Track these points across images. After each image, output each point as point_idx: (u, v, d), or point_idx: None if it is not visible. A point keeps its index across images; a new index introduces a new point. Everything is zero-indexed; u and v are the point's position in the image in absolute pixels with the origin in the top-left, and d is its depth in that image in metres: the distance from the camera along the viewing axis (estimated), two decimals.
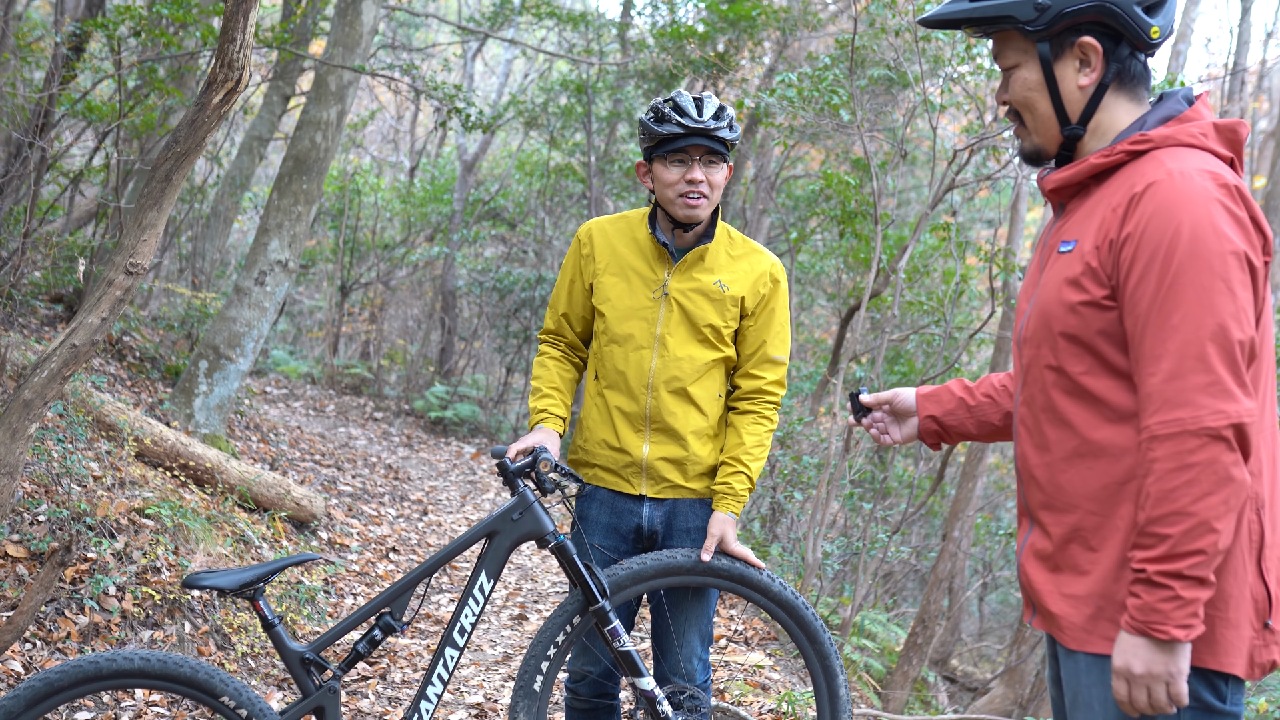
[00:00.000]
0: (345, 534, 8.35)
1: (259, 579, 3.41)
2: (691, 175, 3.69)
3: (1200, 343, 2.25)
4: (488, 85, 23.12)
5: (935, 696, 10.67)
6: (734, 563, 3.73)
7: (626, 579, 3.70)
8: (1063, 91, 2.53)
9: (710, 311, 3.80)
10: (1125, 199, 2.39)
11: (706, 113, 3.68)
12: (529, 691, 3.71)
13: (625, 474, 3.86)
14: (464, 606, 3.57)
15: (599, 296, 3.89)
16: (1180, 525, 2.23)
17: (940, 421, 3.01)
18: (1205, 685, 2.35)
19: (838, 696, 3.77)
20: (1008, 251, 10.19)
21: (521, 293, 16.72)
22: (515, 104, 15.91)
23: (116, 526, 5.74)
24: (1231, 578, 2.34)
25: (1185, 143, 2.43)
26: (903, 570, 12.54)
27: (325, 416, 14.25)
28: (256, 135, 13.03)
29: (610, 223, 3.97)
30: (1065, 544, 2.49)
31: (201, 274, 13.04)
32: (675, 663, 3.86)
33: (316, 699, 3.46)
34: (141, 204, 4.55)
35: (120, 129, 9.33)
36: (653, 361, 3.81)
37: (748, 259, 3.87)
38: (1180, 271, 2.27)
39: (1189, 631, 2.25)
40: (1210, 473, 2.22)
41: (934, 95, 8.40)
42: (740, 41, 12.88)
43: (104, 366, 8.62)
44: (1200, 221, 2.28)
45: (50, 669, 3.23)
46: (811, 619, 3.77)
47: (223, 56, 4.44)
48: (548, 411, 3.87)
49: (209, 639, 5.68)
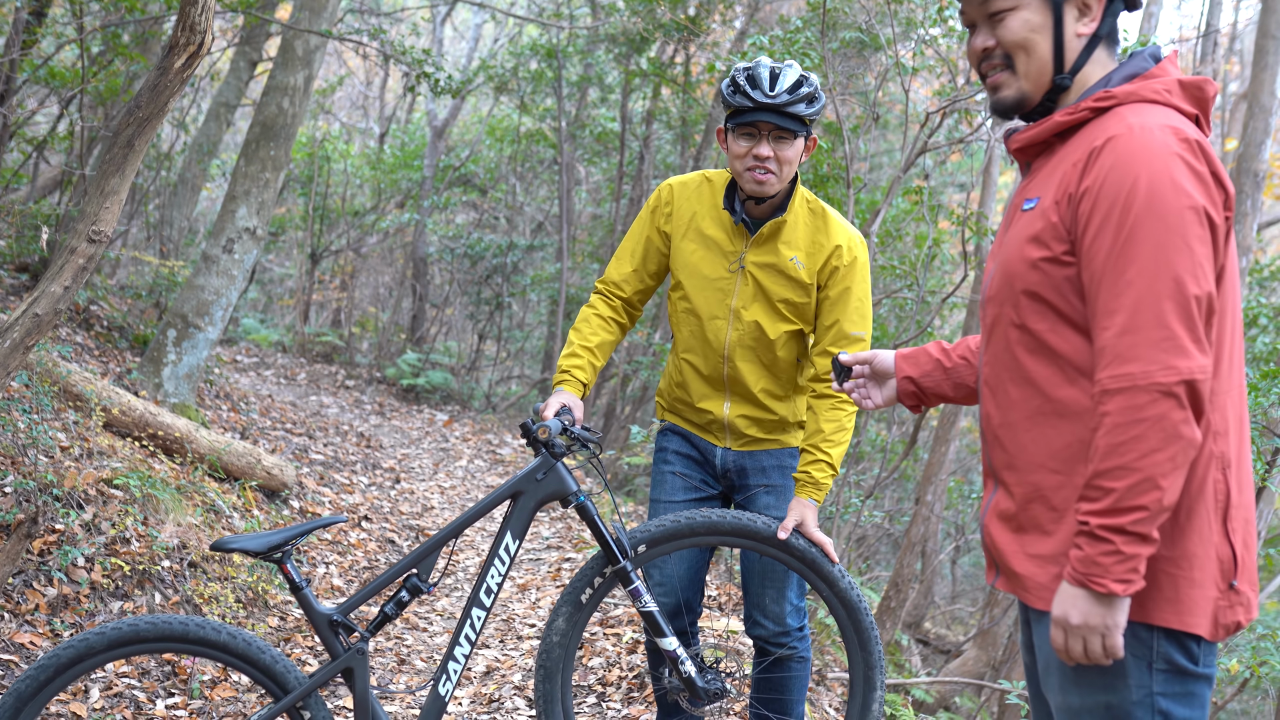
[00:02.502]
0: (317, 503, 8.31)
1: (286, 541, 3.44)
2: (758, 150, 3.66)
3: (1155, 298, 2.23)
4: (457, 50, 22.91)
5: (909, 660, 10.71)
6: (810, 546, 3.68)
7: (703, 528, 3.68)
8: (1065, 36, 2.50)
9: (785, 287, 3.79)
10: (1085, 154, 2.37)
11: (780, 86, 3.62)
12: (575, 601, 3.70)
13: (710, 429, 3.95)
14: (490, 567, 3.58)
15: (677, 263, 3.89)
16: (1125, 480, 2.22)
17: (918, 383, 2.99)
18: (1177, 647, 2.35)
19: (870, 710, 3.71)
20: (980, 215, 10.18)
21: (493, 259, 16.63)
22: (485, 69, 15.77)
23: (84, 497, 5.68)
24: (1196, 537, 2.34)
25: (1148, 99, 2.41)
26: (876, 534, 12.58)
27: (296, 385, 14.17)
28: (224, 101, 12.88)
29: (694, 184, 3.93)
30: (1028, 504, 2.48)
31: (169, 242, 12.91)
32: (760, 604, 3.91)
33: (345, 660, 3.48)
34: (104, 170, 4.48)
35: (84, 95, 9.21)
36: (728, 332, 3.82)
37: (825, 233, 3.81)
38: (1137, 225, 2.26)
39: (1127, 586, 2.24)
40: (1159, 429, 2.21)
41: (906, 58, 8.35)
42: (711, 4, 12.80)
43: (71, 336, 8.52)
44: (1159, 175, 2.26)
45: (140, 618, 3.31)
46: (869, 626, 3.70)
47: (184, 19, 4.37)
48: (570, 374, 3.86)
49: (180, 609, 5.63)
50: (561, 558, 8.17)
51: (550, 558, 8.24)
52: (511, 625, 6.63)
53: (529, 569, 7.94)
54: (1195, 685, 2.36)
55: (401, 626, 6.42)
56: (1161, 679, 2.35)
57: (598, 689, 5.46)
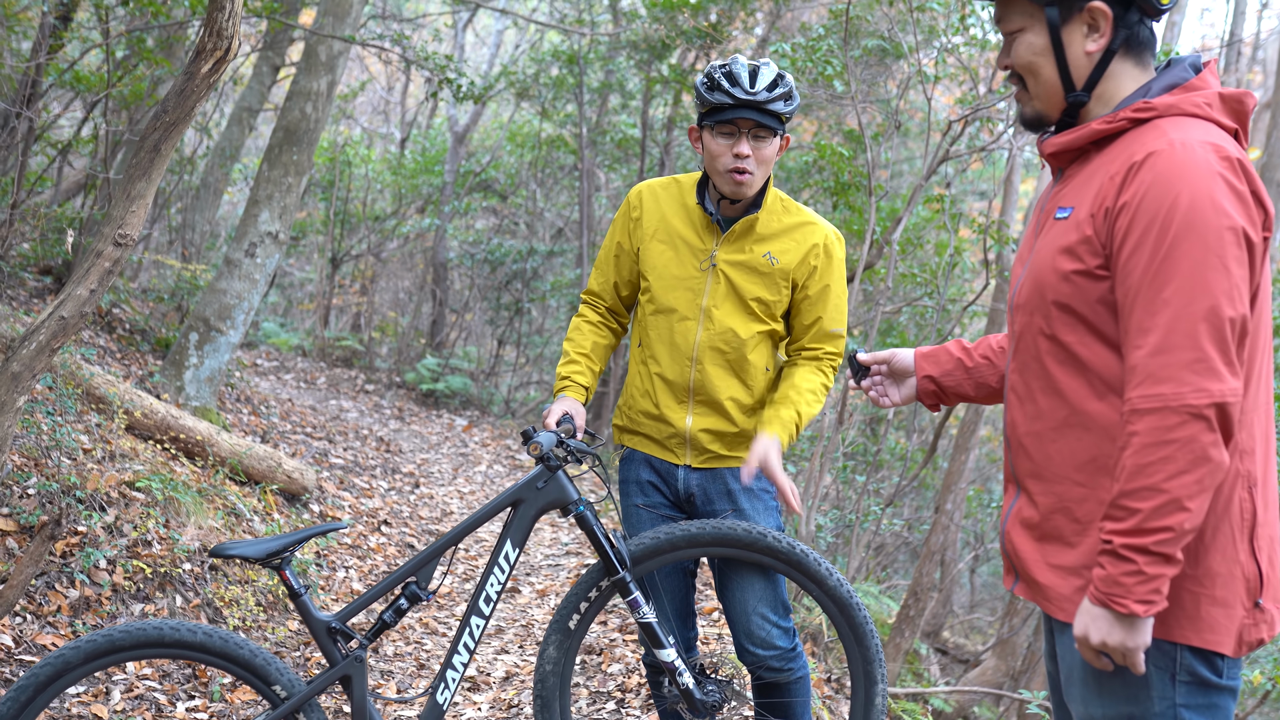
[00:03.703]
0: (337, 507, 8.32)
1: (285, 548, 3.43)
2: (738, 149, 3.61)
3: (1190, 319, 2.21)
4: (479, 56, 22.97)
5: (927, 669, 10.69)
6: (793, 547, 3.63)
7: (682, 540, 3.64)
8: (1069, 57, 2.49)
9: (758, 285, 3.73)
10: (1124, 167, 2.34)
11: (760, 84, 3.58)
12: (564, 628, 3.70)
13: (669, 444, 3.82)
14: (490, 575, 3.57)
15: (645, 264, 3.83)
16: (1151, 501, 2.21)
17: (938, 382, 2.98)
18: (1200, 660, 2.34)
19: (874, 704, 3.67)
20: (1001, 223, 10.15)
21: (513, 265, 16.65)
22: (506, 75, 15.80)
23: (107, 500, 5.71)
24: (1220, 556, 2.32)
25: (1189, 112, 2.38)
26: (895, 543, 12.55)
27: (316, 389, 14.20)
28: (246, 106, 12.94)
29: (662, 186, 3.89)
30: (1051, 514, 2.47)
31: (191, 246, 12.96)
32: (746, 630, 3.79)
33: (343, 668, 3.48)
34: (130, 175, 4.50)
35: (109, 99, 9.26)
36: (698, 333, 3.74)
37: (800, 230, 3.77)
38: (1175, 244, 2.23)
39: (1149, 607, 2.23)
40: (1187, 451, 2.20)
41: (928, 66, 8.35)
42: (733, 11, 12.79)
43: (94, 339, 8.57)
44: (1199, 195, 2.24)
45: (115, 628, 3.28)
46: (863, 621, 3.66)
47: (211, 25, 4.39)
48: (570, 379, 3.84)
49: (200, 612, 5.65)
50: (581, 563, 8.17)
51: (570, 564, 8.24)
52: (531, 631, 6.63)
53: (548, 574, 7.94)
54: (1219, 697, 2.35)
55: (421, 631, 6.43)
56: (1185, 691, 2.34)
57: (617, 695, 5.45)
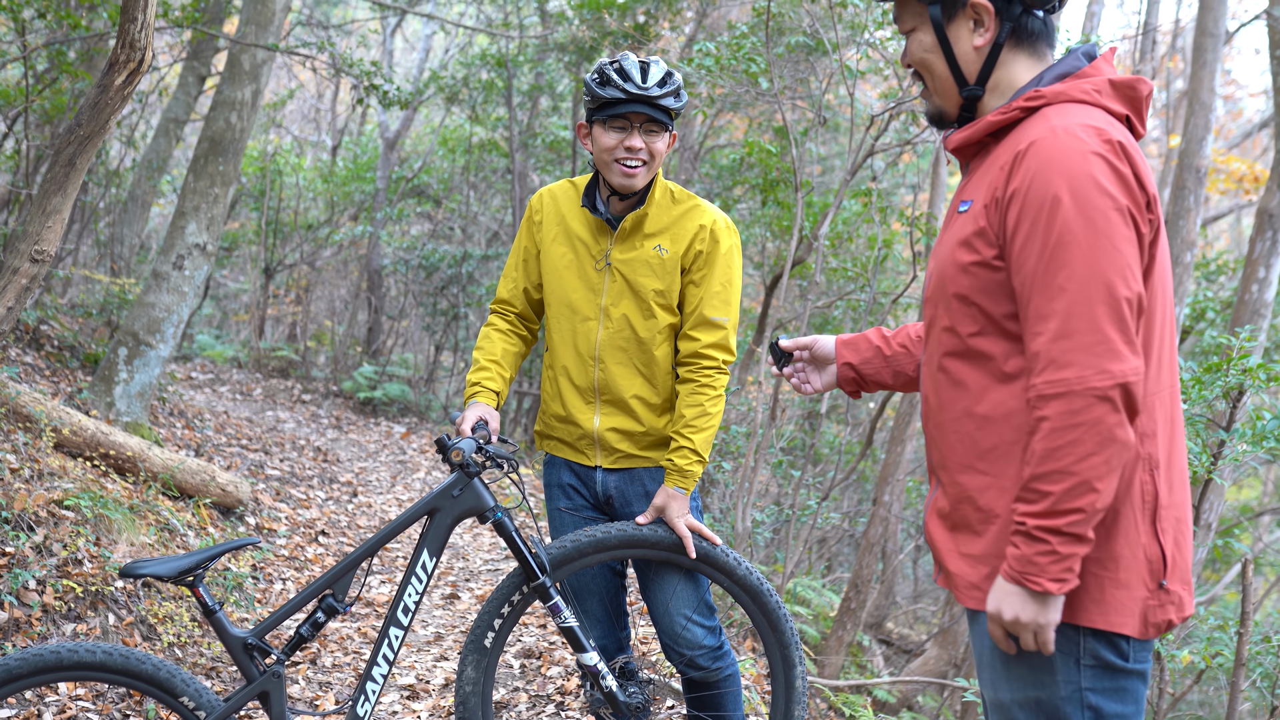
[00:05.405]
0: (273, 518, 8.26)
1: (198, 565, 3.38)
2: (630, 142, 3.64)
3: (1087, 302, 2.24)
4: (408, 61, 22.86)
5: (871, 660, 10.76)
6: (700, 541, 3.67)
7: (589, 546, 3.66)
8: (958, 53, 2.52)
9: (653, 278, 3.74)
10: (1011, 157, 2.37)
11: (651, 79, 3.62)
12: (479, 647, 3.69)
13: (579, 446, 3.84)
14: (407, 585, 3.54)
15: (545, 266, 3.85)
16: (1062, 484, 2.24)
17: (857, 369, 3.01)
18: (1105, 645, 2.37)
19: (794, 687, 3.74)
20: (929, 216, 10.25)
21: (448, 270, 16.59)
22: (436, 80, 15.74)
23: (35, 519, 5.63)
24: (1123, 539, 2.36)
25: (1076, 99, 2.41)
26: (836, 536, 12.63)
27: (252, 400, 14.08)
28: (173, 117, 12.81)
29: (560, 190, 3.92)
30: (959, 503, 2.50)
31: (120, 260, 12.81)
32: (669, 630, 3.82)
33: (260, 684, 3.44)
34: (45, 190, 4.45)
35: (29, 113, 9.13)
36: (599, 332, 3.76)
37: (688, 216, 3.78)
38: (1064, 230, 2.26)
39: (1062, 585, 2.27)
40: (1094, 433, 2.23)
41: (852, 61, 8.41)
42: (660, 11, 12.82)
43: (20, 356, 8.45)
44: (1080, 178, 2.27)
45: (9, 655, 3.20)
46: (775, 606, 3.72)
47: (124, 36, 4.35)
48: (481, 385, 3.83)
49: (134, 630, 5.59)
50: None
51: (510, 567, 8.21)
52: None
53: (488, 579, 7.93)
54: (1127, 681, 2.39)
55: (360, 641, 6.39)
56: (1090, 675, 2.37)
57: (556, 698, 5.45)
